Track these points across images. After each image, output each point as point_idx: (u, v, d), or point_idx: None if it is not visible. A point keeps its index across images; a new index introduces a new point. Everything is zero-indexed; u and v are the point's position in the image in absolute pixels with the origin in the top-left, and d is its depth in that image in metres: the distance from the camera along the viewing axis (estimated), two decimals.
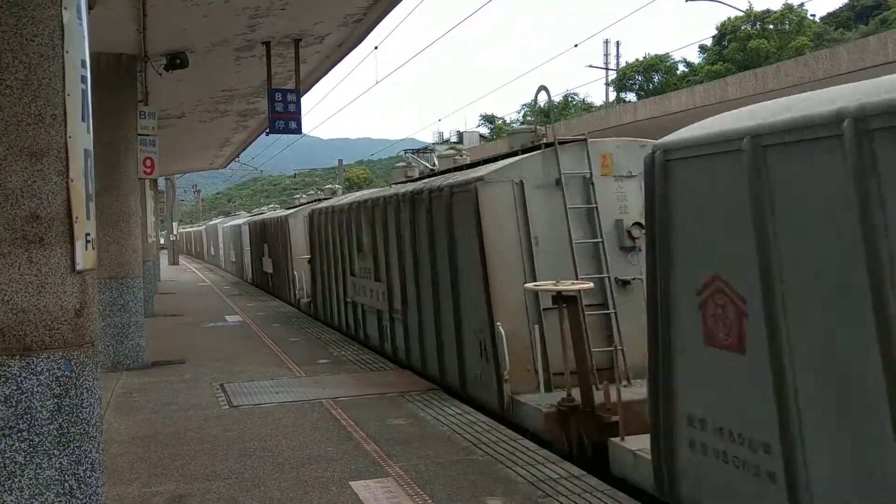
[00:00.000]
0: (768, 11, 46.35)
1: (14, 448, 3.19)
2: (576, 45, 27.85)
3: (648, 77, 55.13)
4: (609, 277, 8.06)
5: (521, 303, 7.98)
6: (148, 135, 12.75)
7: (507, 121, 64.32)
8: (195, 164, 33.10)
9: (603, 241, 8.08)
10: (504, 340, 7.72)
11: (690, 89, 25.99)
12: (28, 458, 3.22)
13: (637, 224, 8.12)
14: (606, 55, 49.38)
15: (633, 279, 8.12)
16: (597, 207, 8.14)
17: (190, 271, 39.80)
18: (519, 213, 8.14)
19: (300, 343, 13.26)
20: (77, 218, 3.40)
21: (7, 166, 3.24)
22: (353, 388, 9.32)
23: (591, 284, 7.36)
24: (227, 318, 17.57)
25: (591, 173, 8.24)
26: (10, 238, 3.24)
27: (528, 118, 60.64)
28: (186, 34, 10.74)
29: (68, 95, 3.39)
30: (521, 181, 8.17)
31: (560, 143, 8.32)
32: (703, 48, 53.04)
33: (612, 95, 53.91)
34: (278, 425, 7.67)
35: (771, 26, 45.90)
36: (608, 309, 8.03)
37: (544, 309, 7.82)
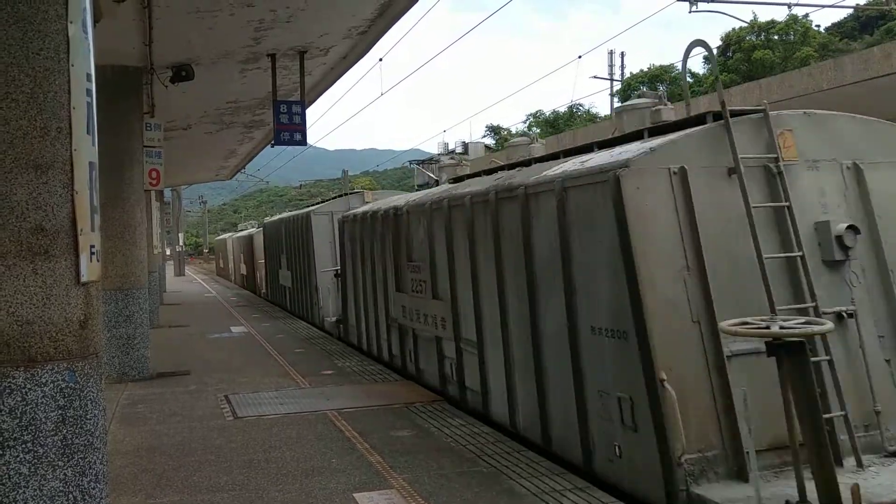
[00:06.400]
0: (773, 22, 46.37)
1: (18, 459, 3.20)
2: (580, 57, 27.90)
3: (653, 87, 55.16)
4: (816, 308, 5.63)
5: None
6: (154, 146, 12.81)
7: (513, 131, 64.31)
8: (201, 175, 33.20)
9: (803, 255, 5.71)
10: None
11: (695, 101, 25.94)
12: (32, 470, 3.23)
13: (851, 227, 5.83)
14: (611, 66, 49.37)
15: (850, 310, 5.75)
16: (789, 206, 5.80)
17: (196, 282, 39.85)
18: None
19: (305, 354, 13.27)
20: (82, 230, 3.41)
21: (13, 179, 3.26)
22: (357, 400, 9.32)
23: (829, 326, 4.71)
24: (233, 328, 17.60)
25: (779, 157, 5.90)
26: (16, 250, 3.26)
27: (533, 128, 60.79)
28: (192, 46, 10.80)
29: (74, 108, 3.41)
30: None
31: (732, 116, 5.78)
32: (707, 59, 53.05)
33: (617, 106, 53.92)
34: (282, 436, 7.67)
35: (776, 37, 45.91)
36: (817, 355, 5.46)
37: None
